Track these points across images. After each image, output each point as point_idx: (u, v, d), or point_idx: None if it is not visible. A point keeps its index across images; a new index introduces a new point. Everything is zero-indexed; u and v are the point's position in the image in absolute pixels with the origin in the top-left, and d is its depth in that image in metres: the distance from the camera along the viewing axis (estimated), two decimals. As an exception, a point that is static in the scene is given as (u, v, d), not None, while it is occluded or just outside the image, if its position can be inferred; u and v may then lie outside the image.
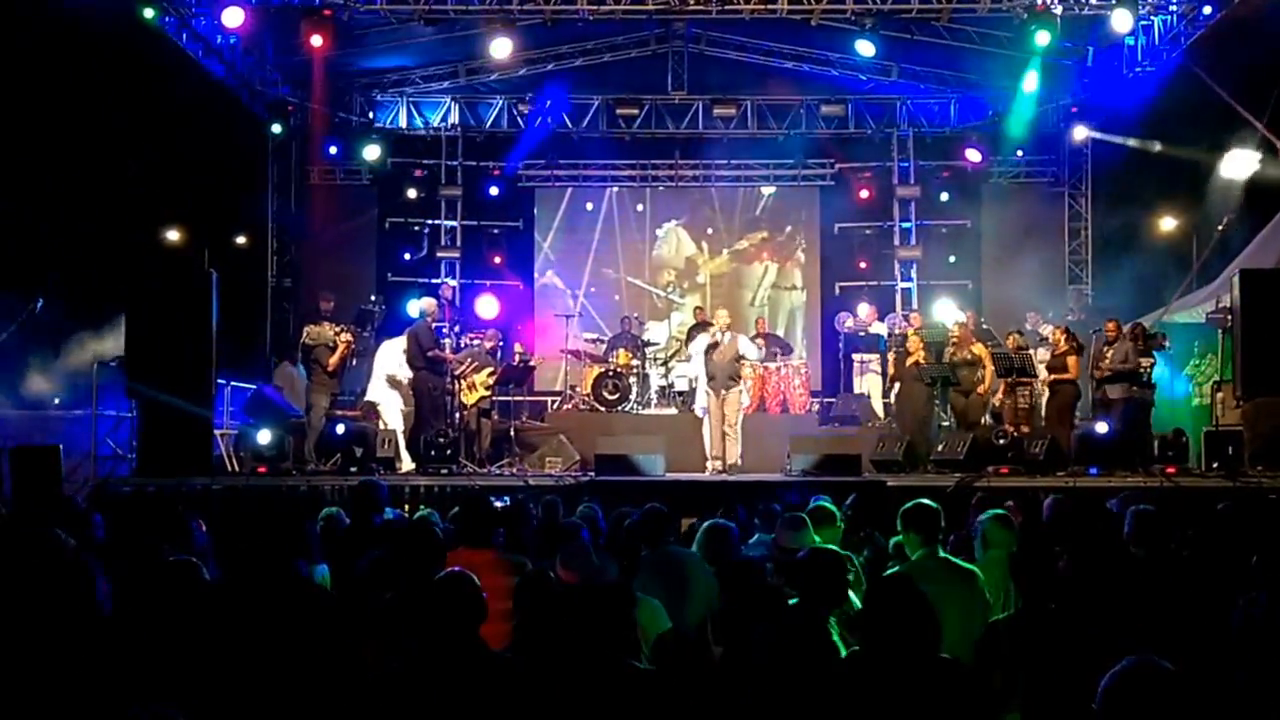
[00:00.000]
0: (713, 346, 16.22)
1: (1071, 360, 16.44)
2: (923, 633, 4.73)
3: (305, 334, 17.13)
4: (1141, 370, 16.27)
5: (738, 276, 23.88)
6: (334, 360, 16.73)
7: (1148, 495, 11.93)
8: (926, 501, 6.90)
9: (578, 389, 19.50)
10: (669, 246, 23.95)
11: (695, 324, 19.90)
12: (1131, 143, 20.00)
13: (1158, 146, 19.42)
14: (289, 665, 4.98)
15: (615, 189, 23.87)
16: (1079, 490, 12.94)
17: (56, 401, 18.04)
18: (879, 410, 18.86)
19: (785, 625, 5.04)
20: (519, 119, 22.49)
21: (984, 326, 18.54)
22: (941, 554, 6.70)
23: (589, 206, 23.85)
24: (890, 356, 18.35)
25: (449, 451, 15.46)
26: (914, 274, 22.92)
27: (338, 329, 17.07)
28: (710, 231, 23.96)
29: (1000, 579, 6.53)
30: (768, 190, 23.79)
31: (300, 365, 17.36)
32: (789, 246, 23.88)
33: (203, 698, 4.58)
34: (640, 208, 23.88)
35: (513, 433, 17.78)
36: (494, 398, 17.68)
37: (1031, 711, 4.99)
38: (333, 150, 21.32)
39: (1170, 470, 14.73)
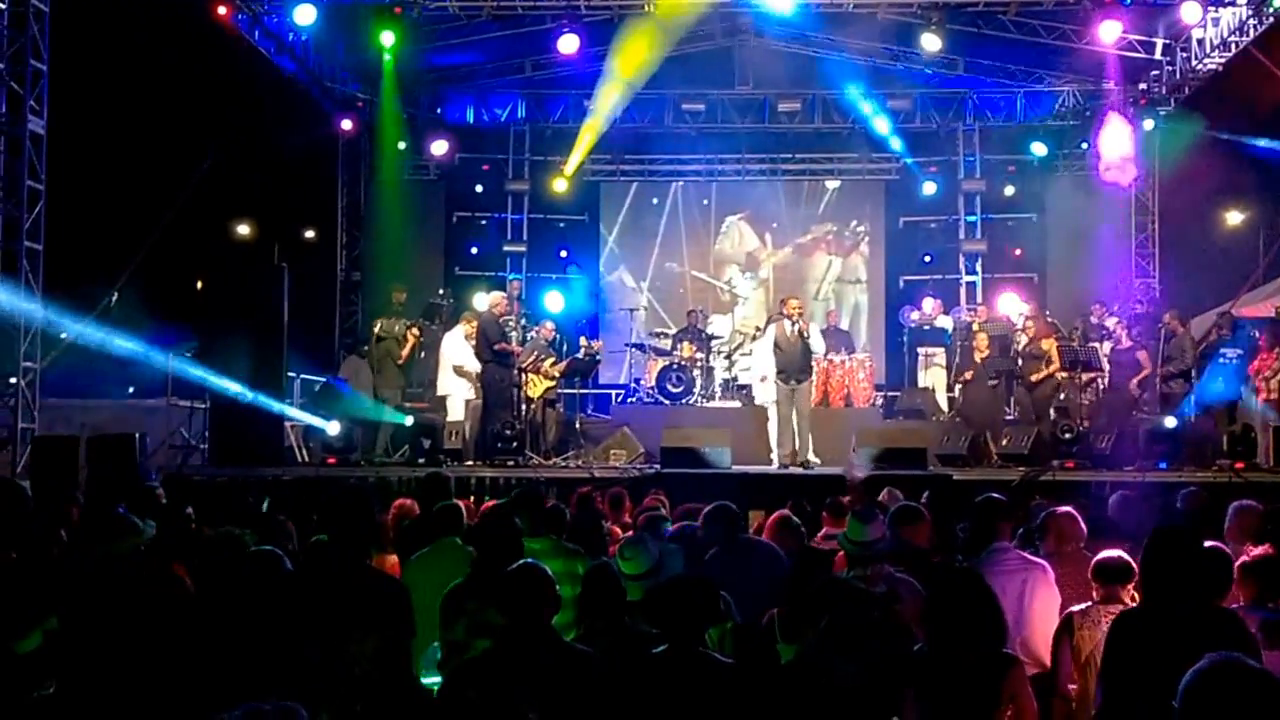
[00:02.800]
0: (783, 337, 16.12)
1: (1142, 354, 16.36)
2: (987, 627, 4.77)
3: (378, 326, 17.32)
4: (1227, 361, 16.11)
5: (801, 269, 23.84)
6: (405, 353, 16.99)
7: (1215, 491, 11.89)
8: (996, 495, 6.93)
9: (642, 382, 19.54)
10: (731, 241, 23.99)
11: (774, 316, 19.79)
12: (1199, 135, 19.82)
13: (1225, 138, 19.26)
14: (361, 652, 5.09)
15: (680, 183, 23.95)
16: (1147, 485, 12.88)
17: (131, 391, 18.36)
18: (943, 404, 18.80)
19: (854, 618, 5.08)
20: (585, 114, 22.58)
21: (1049, 320, 18.44)
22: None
23: (654, 201, 23.93)
24: (956, 350, 18.33)
25: (515, 444, 15.55)
26: (979, 267, 22.87)
27: (408, 322, 17.30)
28: (775, 225, 23.97)
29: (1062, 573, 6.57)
30: (832, 184, 23.78)
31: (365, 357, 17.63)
32: (852, 240, 23.88)
33: (284, 683, 4.69)
34: (705, 202, 23.94)
35: (578, 425, 17.87)
36: (559, 390, 17.77)
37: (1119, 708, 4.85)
38: (401, 145, 21.47)
39: (1238, 466, 14.60)
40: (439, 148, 22.15)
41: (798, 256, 23.97)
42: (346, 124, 21.12)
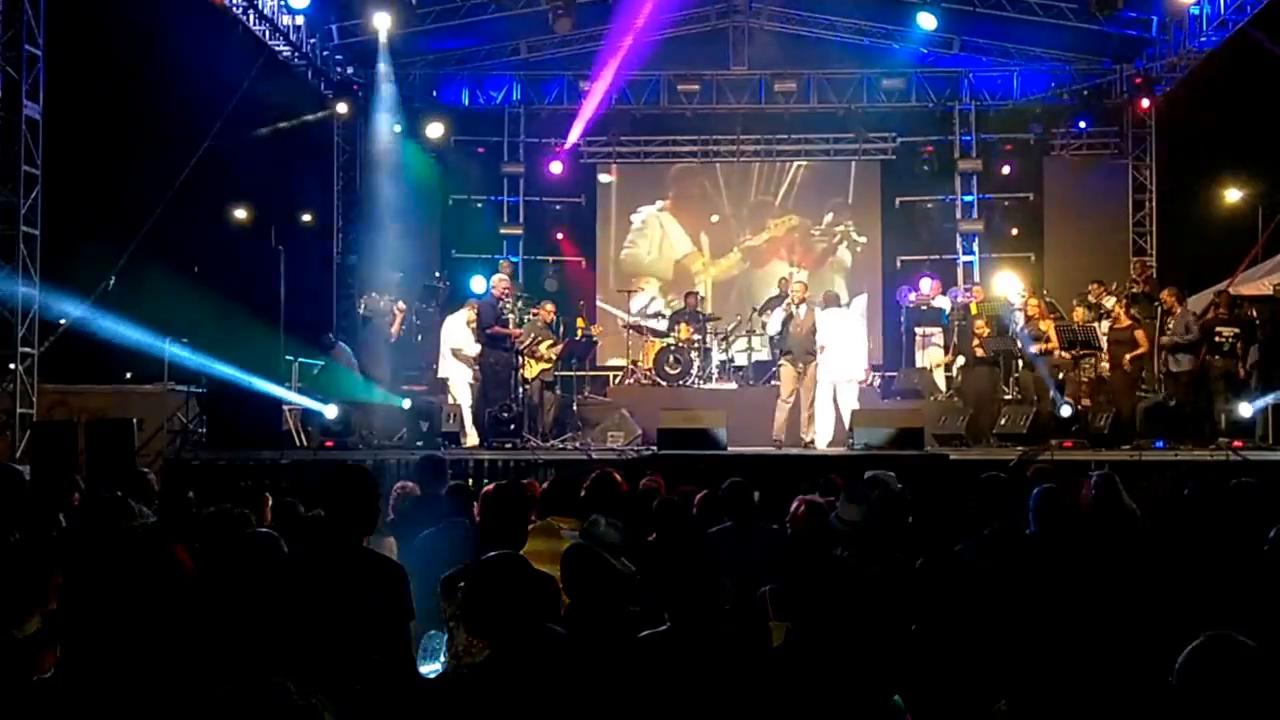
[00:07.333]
0: (788, 319, 16.14)
1: (1139, 333, 16.36)
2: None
3: (362, 306, 17.30)
4: (1223, 340, 16.12)
5: (748, 286, 22.20)
6: (395, 329, 16.97)
7: (1213, 469, 11.92)
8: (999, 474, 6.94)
9: (639, 364, 19.53)
10: (648, 243, 23.44)
11: (773, 295, 19.81)
12: (1196, 113, 19.83)
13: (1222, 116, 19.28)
14: (362, 635, 5.10)
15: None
16: (1144, 464, 12.91)
17: (129, 376, 18.36)
18: (941, 384, 18.80)
19: (846, 591, 5.08)
20: (580, 95, 22.53)
21: (1047, 299, 18.44)
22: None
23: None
24: (953, 330, 18.34)
25: (512, 426, 15.56)
26: (976, 247, 22.83)
27: (391, 298, 17.28)
28: (715, 219, 23.47)
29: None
30: (800, 163, 23.36)
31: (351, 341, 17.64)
32: (826, 242, 23.21)
33: (285, 666, 4.69)
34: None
35: (575, 407, 17.88)
36: (556, 372, 17.76)
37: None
38: (396, 128, 21.43)
39: (1237, 444, 14.61)
40: (434, 130, 22.11)
41: (747, 265, 23.26)
42: (342, 107, 21.07)
